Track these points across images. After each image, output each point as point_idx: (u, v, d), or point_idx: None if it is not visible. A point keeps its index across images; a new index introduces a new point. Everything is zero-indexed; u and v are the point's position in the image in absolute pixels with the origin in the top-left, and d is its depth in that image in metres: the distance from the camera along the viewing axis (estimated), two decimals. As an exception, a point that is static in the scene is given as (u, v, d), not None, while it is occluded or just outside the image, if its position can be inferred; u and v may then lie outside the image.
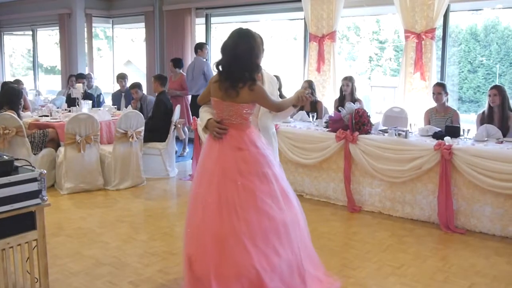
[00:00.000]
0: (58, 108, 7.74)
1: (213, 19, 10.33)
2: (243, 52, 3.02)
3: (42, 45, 14.37)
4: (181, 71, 8.97)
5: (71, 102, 7.89)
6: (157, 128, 6.96)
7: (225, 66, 3.08)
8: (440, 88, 5.80)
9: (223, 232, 2.94)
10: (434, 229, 4.93)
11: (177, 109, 7.10)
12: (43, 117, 7.00)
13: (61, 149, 6.20)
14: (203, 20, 10.23)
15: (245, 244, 2.90)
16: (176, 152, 7.75)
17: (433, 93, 5.92)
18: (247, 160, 3.05)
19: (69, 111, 7.34)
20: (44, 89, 13.52)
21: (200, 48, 8.62)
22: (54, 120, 6.70)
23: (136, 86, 7.84)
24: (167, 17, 10.51)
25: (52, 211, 5.16)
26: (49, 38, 15.30)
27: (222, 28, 12.35)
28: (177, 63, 8.99)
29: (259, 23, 10.81)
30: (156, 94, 7.25)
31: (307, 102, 3.22)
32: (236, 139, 3.09)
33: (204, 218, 3.02)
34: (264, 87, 3.18)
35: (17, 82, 9.11)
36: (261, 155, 3.09)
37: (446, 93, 5.79)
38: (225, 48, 3.09)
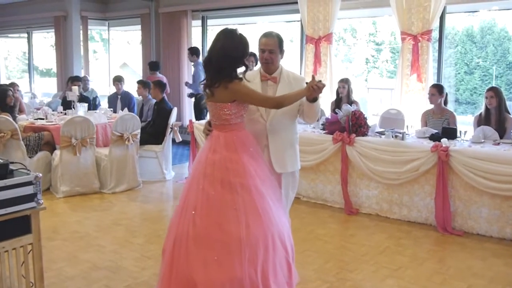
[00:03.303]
0: (53, 111, 7.72)
1: (210, 22, 10.34)
2: (218, 51, 2.97)
3: (37, 48, 14.35)
4: (157, 73, 9.19)
5: (67, 104, 7.87)
6: (156, 133, 6.98)
7: (204, 66, 3.08)
8: (434, 90, 5.81)
9: (178, 233, 2.90)
10: (431, 231, 4.94)
11: (174, 112, 7.10)
12: (38, 120, 6.98)
13: (57, 152, 6.18)
14: (199, 22, 10.24)
15: (188, 248, 2.82)
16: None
17: (428, 94, 5.94)
18: (215, 164, 2.93)
19: (65, 114, 7.32)
20: (39, 92, 13.50)
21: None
22: (50, 123, 6.68)
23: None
24: (163, 20, 10.52)
25: (48, 214, 5.15)
26: (44, 41, 15.28)
27: (218, 31, 12.32)
28: (153, 66, 9.28)
29: (255, 25, 10.82)
30: (156, 100, 7.24)
31: (319, 92, 2.99)
32: (214, 141, 3.03)
33: (172, 217, 3.07)
34: (278, 87, 3.16)
35: (12, 85, 9.08)
36: (233, 162, 2.93)
37: (442, 95, 5.78)
38: (208, 49, 3.11)
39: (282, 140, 3.26)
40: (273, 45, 3.21)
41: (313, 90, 2.98)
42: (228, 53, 2.94)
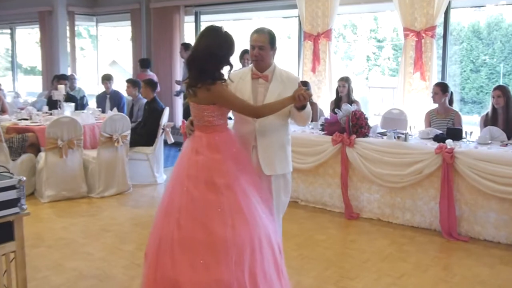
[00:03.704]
0: (38, 111, 7.69)
1: (203, 17, 10.35)
2: (202, 49, 2.99)
3: (21, 45, 14.33)
4: (148, 71, 9.20)
5: (53, 104, 7.85)
6: (146, 134, 6.97)
7: (187, 64, 3.09)
8: (437, 88, 5.81)
9: (162, 235, 2.95)
10: (436, 237, 4.94)
11: (166, 112, 7.09)
12: (22, 120, 6.96)
13: (42, 154, 6.16)
14: (192, 18, 10.25)
15: (173, 251, 2.86)
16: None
17: (431, 93, 5.95)
18: (198, 165, 2.98)
19: (50, 114, 7.30)
20: (23, 91, 13.46)
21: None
22: (34, 124, 6.66)
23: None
24: (154, 15, 10.52)
25: (32, 220, 5.12)
26: (28, 37, 15.25)
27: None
28: (143, 63, 9.27)
29: (251, 21, 10.83)
30: (146, 100, 7.23)
31: (306, 101, 3.01)
32: (196, 142, 3.07)
33: (155, 220, 3.09)
34: (270, 86, 3.18)
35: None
36: (216, 161, 2.98)
37: (446, 94, 5.78)
38: (192, 47, 3.12)
39: (272, 141, 3.26)
40: (263, 41, 3.20)
41: (299, 99, 3.00)
42: (212, 52, 2.96)
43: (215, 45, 2.97)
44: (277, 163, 3.28)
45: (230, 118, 3.35)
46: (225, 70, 3.10)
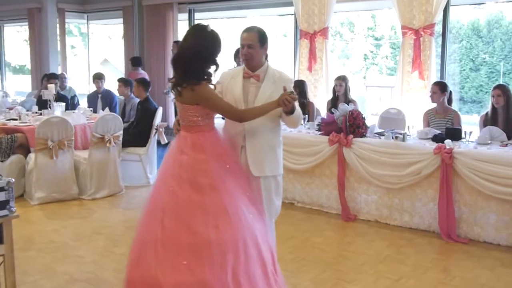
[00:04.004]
0: (28, 111, 7.67)
1: (197, 15, 10.35)
2: (186, 49, 3.03)
3: (9, 42, 14.29)
4: (140, 69, 9.22)
5: (43, 104, 7.82)
6: (139, 134, 6.96)
7: (173, 64, 3.11)
8: (436, 87, 5.83)
9: (145, 234, 2.99)
10: (435, 239, 4.95)
11: (159, 112, 7.09)
12: (11, 120, 6.93)
13: (31, 155, 6.14)
14: (186, 15, 10.25)
15: (156, 251, 2.89)
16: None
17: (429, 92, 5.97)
18: (183, 165, 3.01)
19: (40, 114, 7.28)
20: (12, 90, 13.43)
21: None
22: (24, 124, 6.63)
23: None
24: (147, 12, 10.51)
25: (21, 223, 5.08)
26: (17, 35, 15.23)
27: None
28: (135, 61, 9.29)
29: (246, 19, 10.84)
30: (139, 100, 7.22)
31: (292, 105, 3.04)
32: (182, 142, 3.11)
33: (140, 219, 3.14)
34: (261, 86, 3.19)
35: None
36: (201, 162, 3.00)
37: (444, 93, 5.79)
38: (179, 46, 3.16)
39: (261, 142, 3.27)
40: (251, 39, 3.21)
41: (284, 104, 3.02)
42: (198, 51, 2.99)
43: (200, 45, 3.00)
44: (267, 165, 3.29)
45: (224, 118, 3.37)
46: (213, 70, 3.12)
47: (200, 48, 2.99)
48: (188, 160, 3.01)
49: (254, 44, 3.21)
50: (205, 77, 3.05)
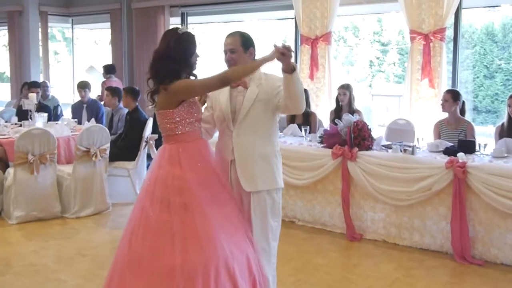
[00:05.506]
0: (6, 122, 7.68)
1: (190, 19, 10.40)
2: (156, 53, 3.09)
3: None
4: (113, 77, 9.27)
5: (23, 115, 7.83)
6: (128, 147, 6.96)
7: (149, 73, 3.15)
8: (448, 95, 5.85)
9: (117, 255, 3.05)
10: (448, 260, 4.95)
11: (149, 123, 7.09)
12: (-12, 132, 6.94)
13: (10, 170, 6.14)
14: (178, 19, 10.28)
15: (123, 273, 2.92)
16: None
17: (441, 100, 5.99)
18: (157, 180, 3.01)
19: (20, 125, 7.28)
20: (-10, 99, 13.43)
21: None
22: (2, 136, 6.64)
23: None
24: (136, 16, 10.56)
25: (-1, 244, 5.11)
26: (-4, 40, 15.26)
27: (201, 29, 12.39)
28: (108, 69, 9.39)
29: (243, 23, 10.89)
30: (128, 110, 7.23)
31: (289, 55, 2.94)
32: (160, 154, 3.13)
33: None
34: (247, 91, 3.21)
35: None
36: (175, 178, 2.97)
37: (457, 102, 5.82)
38: None
39: (251, 153, 3.23)
40: (234, 44, 3.23)
41: (281, 53, 2.92)
42: (165, 53, 3.04)
43: (168, 47, 3.05)
44: (258, 177, 3.23)
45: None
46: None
47: (168, 50, 3.04)
48: (162, 176, 3.00)
49: (237, 49, 3.23)
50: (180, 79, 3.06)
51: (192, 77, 3.14)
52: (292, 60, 3.00)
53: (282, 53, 2.92)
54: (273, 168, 3.29)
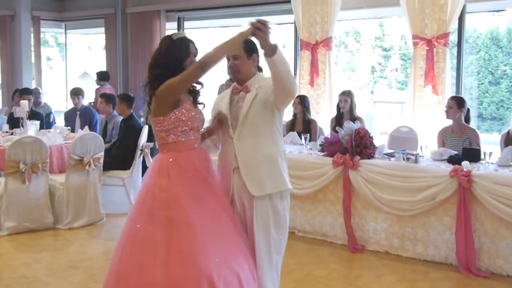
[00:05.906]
0: (-3, 130, 7.68)
1: (187, 24, 10.43)
2: (152, 61, 3.11)
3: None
4: (107, 84, 9.32)
5: (14, 122, 7.83)
6: (122, 156, 6.96)
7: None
8: (452, 102, 5.87)
9: (111, 267, 3.07)
10: (452, 272, 4.94)
11: (145, 131, 7.09)
12: (-21, 141, 6.93)
13: (1, 180, 6.12)
14: (174, 24, 10.31)
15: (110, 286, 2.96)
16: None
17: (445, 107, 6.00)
18: (147, 192, 3.03)
19: (12, 133, 7.28)
20: (-20, 107, 13.40)
21: None
22: (-7, 145, 6.64)
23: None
24: (131, 21, 10.58)
25: (-11, 256, 5.09)
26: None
27: (198, 34, 12.41)
28: (101, 76, 9.42)
29: (241, 28, 10.90)
30: (122, 117, 7.23)
31: (266, 31, 2.94)
32: (153, 164, 3.15)
33: None
34: (247, 95, 3.22)
35: None
36: (162, 190, 2.96)
37: (461, 109, 5.84)
38: None
39: (254, 154, 3.19)
40: (236, 50, 3.22)
41: (256, 27, 2.91)
42: (158, 59, 3.07)
43: (161, 54, 3.08)
44: (265, 179, 3.17)
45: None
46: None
47: (159, 56, 3.07)
48: (151, 187, 3.01)
49: (239, 55, 3.23)
50: None
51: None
52: (272, 40, 2.97)
53: (258, 28, 2.92)
54: (279, 169, 3.24)
